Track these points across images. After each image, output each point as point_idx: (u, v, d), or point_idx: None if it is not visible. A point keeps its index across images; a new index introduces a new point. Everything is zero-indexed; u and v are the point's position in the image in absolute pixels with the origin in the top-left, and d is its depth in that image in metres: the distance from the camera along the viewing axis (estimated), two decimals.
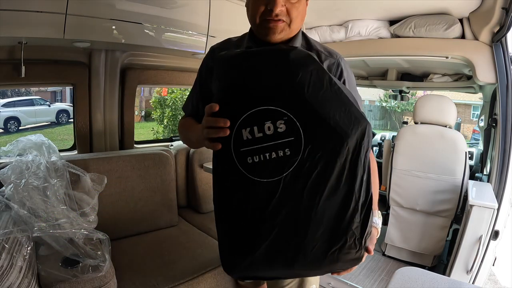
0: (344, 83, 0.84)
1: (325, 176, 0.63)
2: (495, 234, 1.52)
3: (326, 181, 0.63)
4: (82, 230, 1.21)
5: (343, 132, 0.63)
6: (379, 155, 3.41)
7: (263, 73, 0.66)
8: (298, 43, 0.83)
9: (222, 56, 0.72)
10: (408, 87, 2.96)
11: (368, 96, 11.73)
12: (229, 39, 0.93)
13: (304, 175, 0.63)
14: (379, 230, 0.78)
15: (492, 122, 1.86)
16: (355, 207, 0.65)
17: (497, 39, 1.61)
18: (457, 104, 2.16)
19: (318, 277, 1.03)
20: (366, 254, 0.69)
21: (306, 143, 0.63)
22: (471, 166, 2.47)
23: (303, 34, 0.87)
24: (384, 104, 11.71)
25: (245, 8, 0.81)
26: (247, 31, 0.88)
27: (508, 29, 1.50)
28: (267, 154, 0.64)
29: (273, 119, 0.63)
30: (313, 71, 0.65)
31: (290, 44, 0.81)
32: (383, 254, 2.33)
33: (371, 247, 0.71)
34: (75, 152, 1.83)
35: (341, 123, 0.63)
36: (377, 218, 0.76)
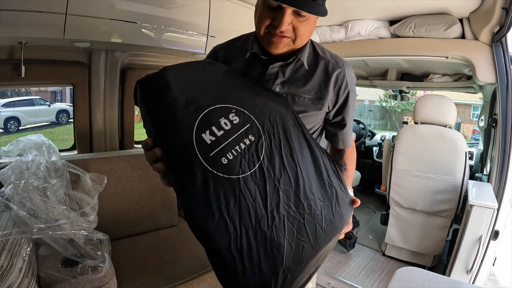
0: (347, 97, 0.86)
1: (289, 143, 0.70)
2: (495, 234, 1.52)
3: (292, 146, 0.69)
4: (82, 231, 1.21)
5: (280, 107, 0.73)
6: (379, 155, 3.41)
7: (197, 82, 0.71)
8: (306, 54, 0.82)
9: (146, 79, 0.75)
10: (408, 87, 2.96)
11: (368, 96, 11.72)
12: (233, 41, 0.91)
13: (276, 150, 0.68)
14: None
15: (492, 122, 1.86)
16: (322, 156, 0.72)
17: (497, 39, 1.61)
18: (457, 104, 2.16)
19: (314, 275, 1.03)
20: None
21: (261, 125, 0.68)
22: (471, 166, 2.47)
23: (312, 43, 0.86)
24: (384, 104, 11.69)
25: (247, 8, 0.80)
26: (247, 31, 0.87)
27: (508, 29, 1.50)
28: (237, 147, 0.65)
29: (225, 115, 0.67)
30: (229, 71, 0.76)
31: (298, 55, 0.80)
32: (383, 254, 2.33)
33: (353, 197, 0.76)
34: (75, 152, 1.83)
35: (274, 102, 0.73)
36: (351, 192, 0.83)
